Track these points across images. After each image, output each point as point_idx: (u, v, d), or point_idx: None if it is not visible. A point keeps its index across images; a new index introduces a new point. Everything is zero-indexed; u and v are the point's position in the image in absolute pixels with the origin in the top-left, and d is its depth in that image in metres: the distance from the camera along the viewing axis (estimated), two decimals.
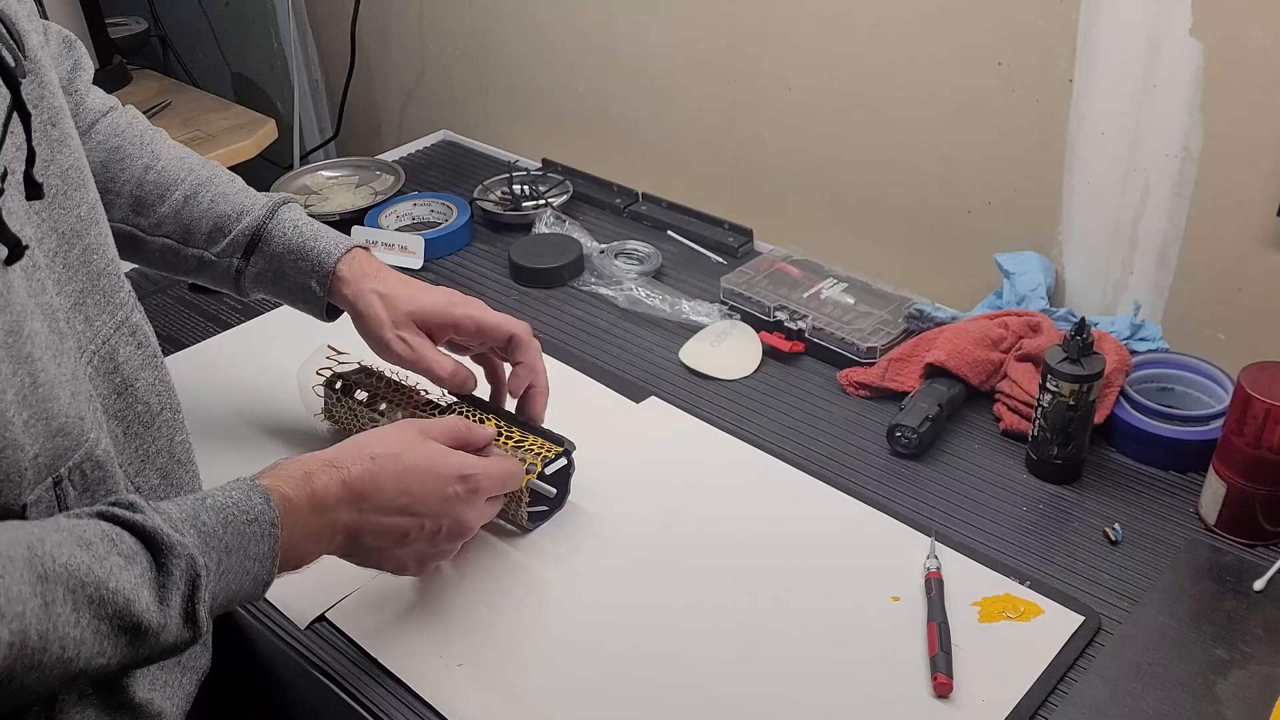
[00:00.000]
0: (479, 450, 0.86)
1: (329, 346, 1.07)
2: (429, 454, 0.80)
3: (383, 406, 1.01)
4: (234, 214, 0.96)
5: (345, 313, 0.98)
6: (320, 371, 1.05)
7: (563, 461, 0.95)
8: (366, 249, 0.98)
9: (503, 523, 0.96)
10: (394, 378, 1.03)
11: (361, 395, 1.02)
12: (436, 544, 0.82)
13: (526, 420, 0.97)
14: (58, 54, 0.92)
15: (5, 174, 0.62)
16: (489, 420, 0.97)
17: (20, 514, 0.62)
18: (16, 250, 0.61)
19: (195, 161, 0.99)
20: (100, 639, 0.59)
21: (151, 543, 0.63)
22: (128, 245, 0.97)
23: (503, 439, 0.95)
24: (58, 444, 0.64)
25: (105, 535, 0.61)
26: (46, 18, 1.75)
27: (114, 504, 0.64)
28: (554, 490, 0.93)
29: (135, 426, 0.77)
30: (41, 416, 0.62)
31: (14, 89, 0.63)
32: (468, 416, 0.97)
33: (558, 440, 0.96)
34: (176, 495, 0.79)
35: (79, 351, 0.71)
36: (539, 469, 0.92)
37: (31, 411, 0.62)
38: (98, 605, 0.58)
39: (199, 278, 0.99)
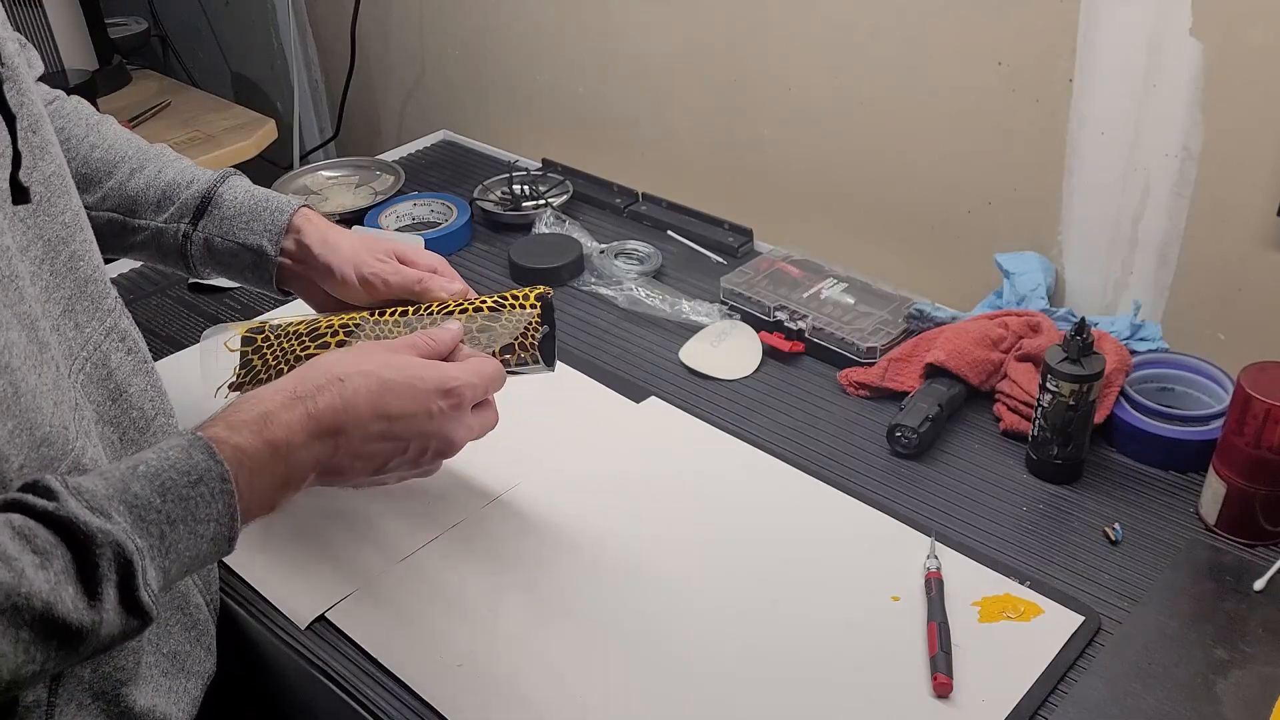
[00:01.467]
0: (448, 356, 0.79)
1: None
2: (403, 367, 0.74)
3: (330, 321, 0.88)
4: (182, 182, 0.94)
5: (295, 295, 0.95)
6: (234, 328, 0.92)
7: (538, 309, 0.89)
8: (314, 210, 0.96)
9: (516, 370, 0.90)
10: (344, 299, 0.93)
11: (297, 325, 0.90)
12: (421, 464, 0.77)
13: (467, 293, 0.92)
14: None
15: None
16: (447, 306, 0.89)
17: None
18: None
19: (142, 143, 0.97)
20: (23, 647, 0.54)
21: (69, 533, 0.57)
22: None
23: (471, 310, 0.89)
24: (43, 454, 0.62)
25: (16, 531, 0.55)
26: (46, 17, 1.76)
27: (27, 489, 0.58)
28: (547, 327, 0.89)
29: (130, 433, 0.76)
30: (25, 427, 0.61)
31: None
32: (421, 314, 0.89)
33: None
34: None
35: (69, 359, 0.70)
36: (534, 304, 0.88)
37: (16, 422, 0.60)
38: (11, 614, 0.53)
39: (143, 254, 0.95)
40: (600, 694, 0.82)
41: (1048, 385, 0.97)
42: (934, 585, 0.88)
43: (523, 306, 0.90)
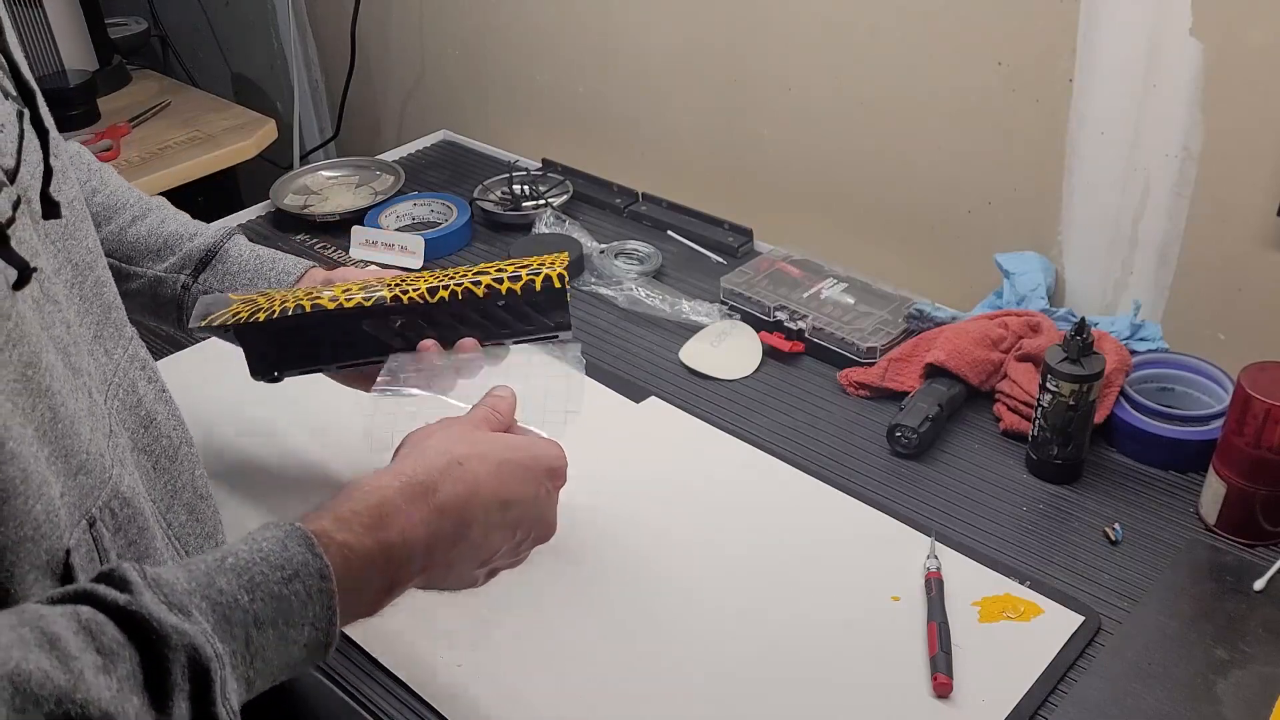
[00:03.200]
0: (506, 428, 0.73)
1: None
2: (514, 446, 0.68)
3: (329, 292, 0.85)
4: (184, 234, 0.93)
5: None
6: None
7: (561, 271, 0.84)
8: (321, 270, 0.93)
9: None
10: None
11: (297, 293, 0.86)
12: (520, 553, 0.70)
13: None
14: None
15: (19, 201, 0.55)
16: (461, 274, 0.83)
17: (65, 562, 0.55)
18: (25, 274, 0.54)
19: (143, 194, 0.97)
20: None
21: (141, 632, 0.49)
22: None
23: (496, 272, 0.83)
24: (81, 482, 0.58)
25: (82, 626, 0.48)
26: (46, 18, 1.75)
27: (102, 578, 0.52)
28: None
29: (163, 461, 0.72)
30: (61, 453, 0.57)
31: (31, 105, 0.59)
32: (434, 284, 0.83)
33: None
34: (203, 533, 0.74)
35: (103, 384, 0.66)
36: (558, 269, 0.83)
37: (53, 448, 0.56)
38: None
39: (135, 302, 0.91)
40: (600, 693, 0.82)
41: (1048, 385, 0.97)
42: (934, 585, 0.88)
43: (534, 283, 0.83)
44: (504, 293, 0.83)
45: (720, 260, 1.38)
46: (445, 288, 0.83)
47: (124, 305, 0.87)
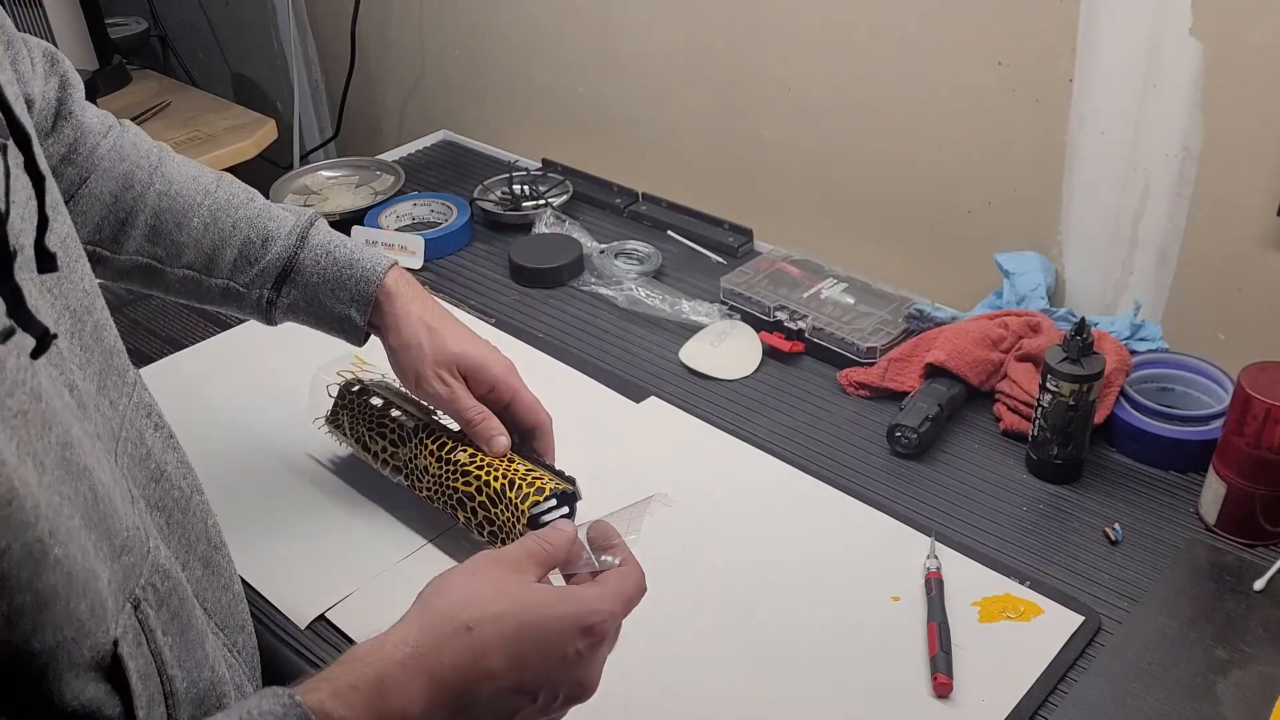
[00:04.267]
0: (566, 563, 0.66)
1: (357, 357, 1.04)
2: (537, 605, 0.61)
3: (395, 414, 0.97)
4: (259, 240, 0.90)
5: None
6: (341, 373, 1.03)
7: (564, 509, 0.92)
8: (402, 268, 0.93)
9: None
10: (412, 395, 0.96)
11: (377, 401, 0.99)
12: (550, 712, 0.63)
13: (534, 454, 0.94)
14: (44, 73, 0.85)
15: (15, 253, 0.49)
16: (472, 477, 0.91)
17: (113, 652, 0.53)
18: (44, 341, 0.49)
19: (209, 180, 0.92)
20: None
21: None
22: (146, 276, 0.91)
23: (511, 465, 0.91)
24: (125, 564, 0.55)
25: None
26: (46, 18, 1.75)
27: None
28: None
29: (175, 515, 0.68)
30: (106, 536, 0.54)
31: (25, 148, 0.54)
32: (455, 475, 0.92)
33: (562, 477, 0.92)
34: (219, 585, 0.70)
35: (111, 441, 0.62)
36: (549, 491, 0.89)
37: (98, 533, 0.53)
38: None
39: (224, 307, 0.92)
40: (600, 693, 0.82)
41: (1048, 385, 0.97)
42: (934, 585, 0.88)
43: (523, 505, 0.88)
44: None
45: (720, 260, 1.38)
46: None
47: (216, 306, 0.92)
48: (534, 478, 0.89)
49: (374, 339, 0.93)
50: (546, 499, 0.89)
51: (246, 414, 1.12)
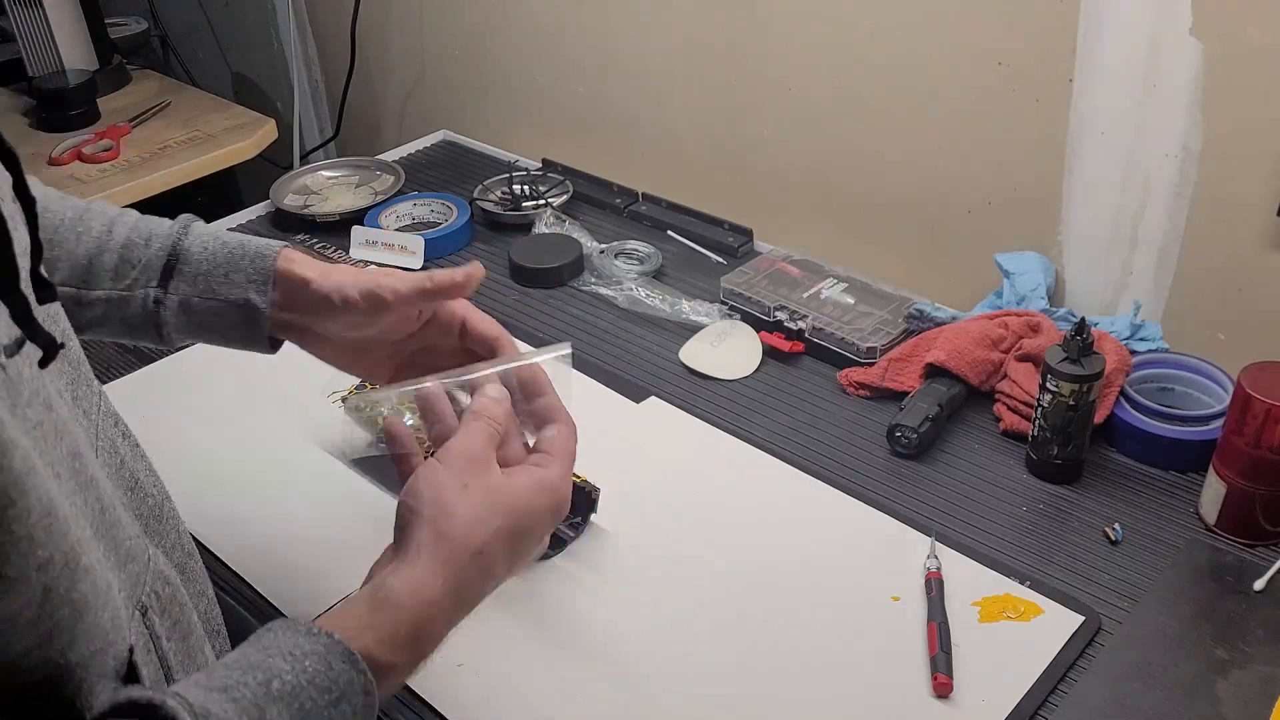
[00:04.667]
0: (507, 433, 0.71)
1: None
2: (525, 510, 0.67)
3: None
4: (138, 240, 0.80)
5: (288, 340, 0.82)
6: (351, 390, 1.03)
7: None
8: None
9: None
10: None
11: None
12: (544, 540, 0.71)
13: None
14: None
15: (19, 268, 0.49)
16: None
17: (128, 661, 0.53)
18: (51, 350, 0.49)
19: (78, 201, 0.84)
20: None
21: None
22: None
23: None
24: (130, 572, 0.56)
25: None
26: (46, 18, 1.75)
27: (145, 712, 0.49)
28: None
29: (152, 523, 0.67)
30: (112, 546, 0.54)
31: (14, 170, 0.52)
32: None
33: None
34: (196, 590, 0.70)
35: (93, 452, 0.60)
36: None
37: (106, 543, 0.53)
38: None
39: (104, 330, 0.81)
40: (600, 693, 0.82)
41: (1048, 385, 0.97)
42: (934, 585, 0.88)
43: None
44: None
45: (720, 260, 1.38)
46: None
47: (96, 335, 0.81)
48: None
49: None
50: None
51: (247, 414, 1.12)
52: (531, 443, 0.73)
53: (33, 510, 0.45)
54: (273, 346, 0.83)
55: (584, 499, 0.96)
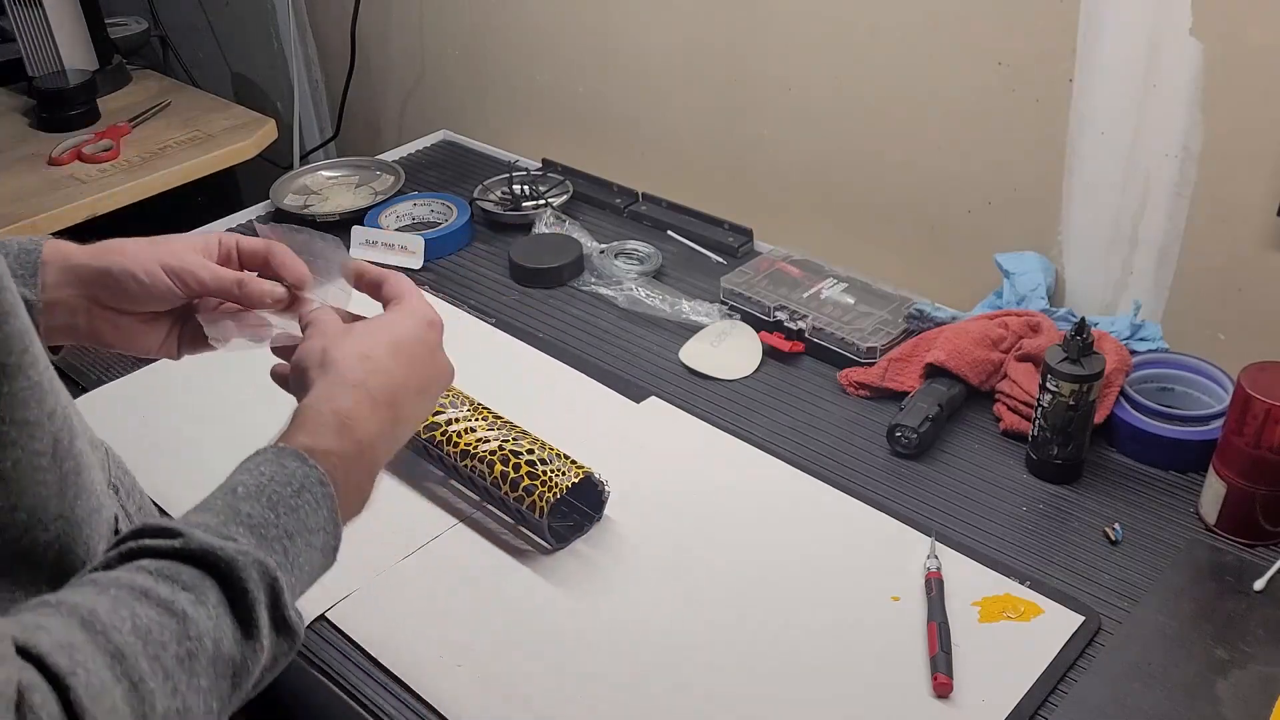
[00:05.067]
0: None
1: None
2: (389, 324, 0.72)
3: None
4: None
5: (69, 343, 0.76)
6: None
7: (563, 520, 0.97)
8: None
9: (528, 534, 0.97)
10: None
11: None
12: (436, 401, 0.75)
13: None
14: None
15: None
16: (524, 440, 0.97)
17: (115, 529, 0.59)
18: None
19: None
20: (204, 697, 0.50)
21: (209, 564, 0.53)
22: None
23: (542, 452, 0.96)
24: (98, 455, 0.61)
25: (159, 574, 0.51)
26: (47, 18, 1.75)
27: (141, 536, 0.53)
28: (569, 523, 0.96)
29: (117, 473, 0.70)
30: (82, 425, 0.58)
31: None
32: (508, 437, 0.97)
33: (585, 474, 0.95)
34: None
35: None
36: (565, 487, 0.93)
37: (84, 502, 0.57)
38: (188, 663, 0.49)
39: None
40: (600, 693, 0.82)
41: (1048, 385, 0.97)
42: (934, 585, 0.88)
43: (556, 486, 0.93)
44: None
45: (720, 260, 1.38)
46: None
47: None
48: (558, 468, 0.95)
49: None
50: (583, 479, 0.94)
51: (246, 413, 1.12)
52: None
53: (39, 360, 0.51)
54: (54, 350, 0.74)
55: (593, 492, 0.96)
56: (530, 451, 0.95)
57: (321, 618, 0.89)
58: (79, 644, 0.46)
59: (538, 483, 0.92)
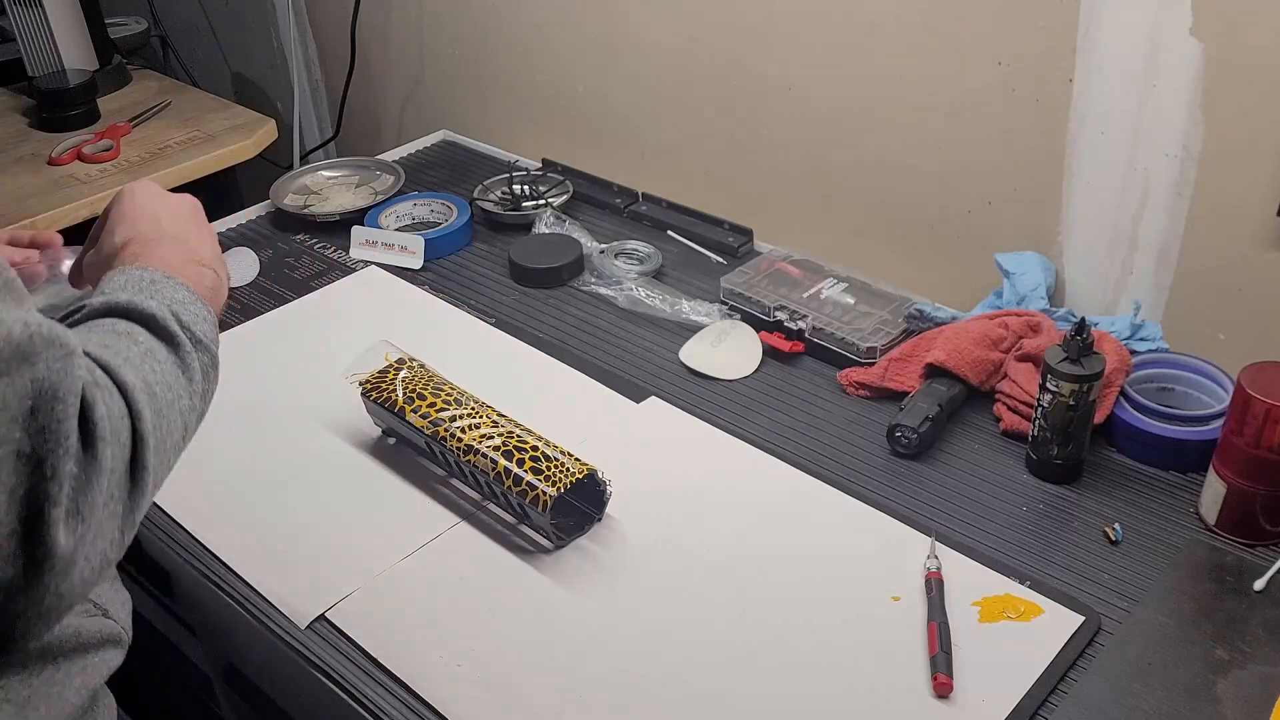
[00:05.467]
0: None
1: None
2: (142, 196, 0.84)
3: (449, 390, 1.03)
4: None
5: None
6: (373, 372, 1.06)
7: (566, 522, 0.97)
8: None
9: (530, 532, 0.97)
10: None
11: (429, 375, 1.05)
12: (216, 267, 0.85)
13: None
14: None
15: None
16: (528, 437, 0.97)
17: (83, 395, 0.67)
18: None
19: None
20: (163, 372, 0.65)
21: (132, 313, 0.67)
22: None
23: (542, 449, 0.96)
24: None
25: (107, 325, 0.65)
26: (47, 18, 1.75)
27: (75, 313, 0.67)
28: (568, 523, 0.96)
29: None
30: None
31: None
32: (512, 433, 0.97)
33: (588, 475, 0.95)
34: (119, 592, 0.80)
35: None
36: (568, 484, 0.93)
37: None
38: (148, 359, 0.65)
39: None
40: (600, 693, 0.82)
41: (1048, 385, 0.97)
42: (934, 585, 0.88)
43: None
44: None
45: (720, 260, 1.38)
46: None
47: None
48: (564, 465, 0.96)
49: None
50: (587, 476, 0.95)
51: (246, 413, 1.12)
52: None
53: None
54: None
55: (595, 491, 0.96)
56: (535, 448, 0.95)
57: (321, 618, 0.89)
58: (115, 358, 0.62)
59: (541, 478, 0.92)
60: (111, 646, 0.75)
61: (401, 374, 1.04)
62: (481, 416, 0.99)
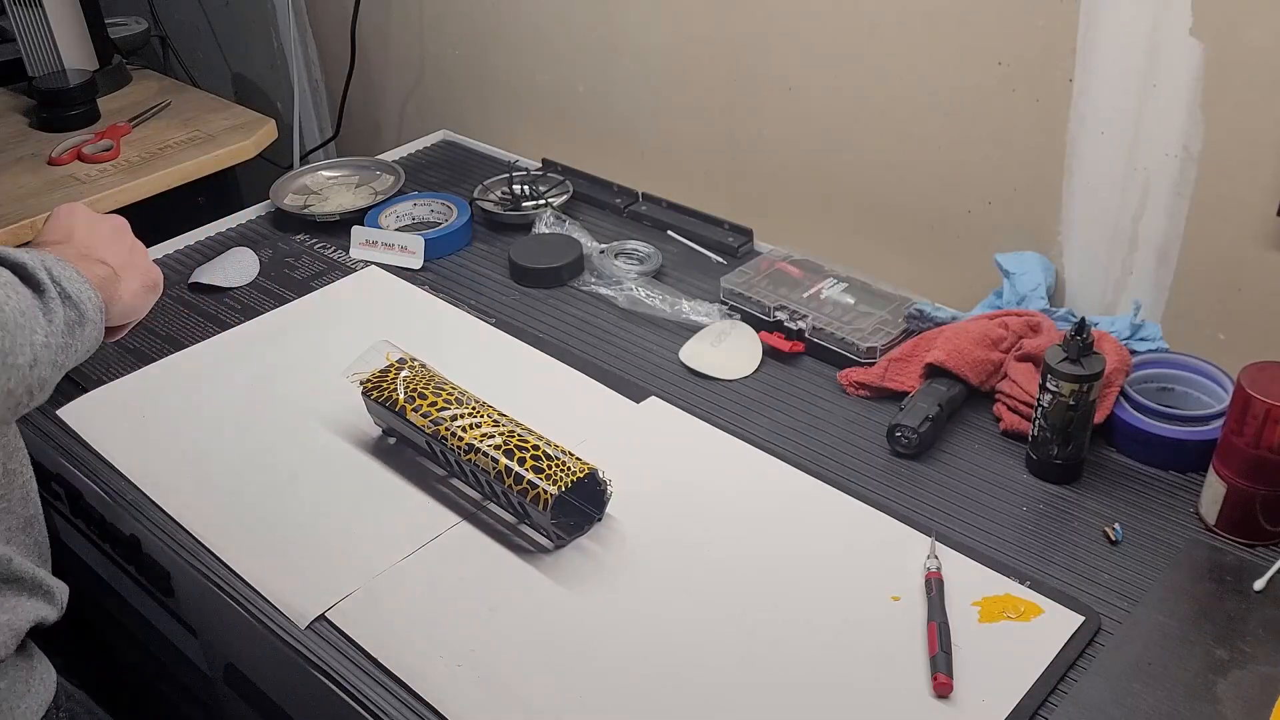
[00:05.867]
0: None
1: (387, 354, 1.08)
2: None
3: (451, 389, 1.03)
4: None
5: None
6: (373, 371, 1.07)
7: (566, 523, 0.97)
8: None
9: (530, 531, 0.97)
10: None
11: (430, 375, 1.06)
12: (147, 276, 0.90)
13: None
14: None
15: None
16: (529, 436, 0.97)
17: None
18: None
19: None
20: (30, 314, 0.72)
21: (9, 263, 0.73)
22: None
23: (543, 448, 0.96)
24: None
25: None
26: (47, 18, 1.75)
27: None
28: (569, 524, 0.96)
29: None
30: None
31: None
32: (513, 433, 0.97)
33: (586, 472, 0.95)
34: (38, 545, 0.87)
35: None
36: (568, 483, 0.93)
37: None
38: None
39: None
40: (600, 693, 0.82)
41: (1048, 385, 0.97)
42: (934, 585, 0.88)
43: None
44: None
45: (720, 260, 1.38)
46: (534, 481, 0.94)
47: None
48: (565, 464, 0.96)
49: None
50: (587, 475, 0.95)
51: (246, 413, 1.12)
52: None
53: None
54: None
55: (595, 490, 0.96)
56: (535, 447, 0.95)
57: (322, 618, 0.89)
58: None
59: (542, 477, 0.92)
60: (15, 592, 0.82)
61: (403, 373, 1.04)
62: (482, 416, 0.99)
